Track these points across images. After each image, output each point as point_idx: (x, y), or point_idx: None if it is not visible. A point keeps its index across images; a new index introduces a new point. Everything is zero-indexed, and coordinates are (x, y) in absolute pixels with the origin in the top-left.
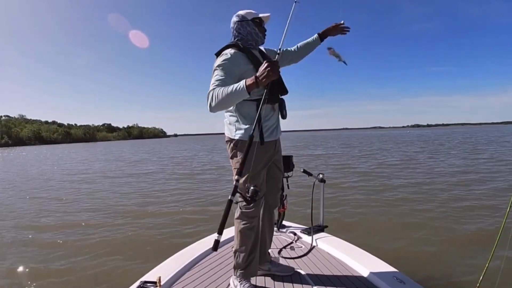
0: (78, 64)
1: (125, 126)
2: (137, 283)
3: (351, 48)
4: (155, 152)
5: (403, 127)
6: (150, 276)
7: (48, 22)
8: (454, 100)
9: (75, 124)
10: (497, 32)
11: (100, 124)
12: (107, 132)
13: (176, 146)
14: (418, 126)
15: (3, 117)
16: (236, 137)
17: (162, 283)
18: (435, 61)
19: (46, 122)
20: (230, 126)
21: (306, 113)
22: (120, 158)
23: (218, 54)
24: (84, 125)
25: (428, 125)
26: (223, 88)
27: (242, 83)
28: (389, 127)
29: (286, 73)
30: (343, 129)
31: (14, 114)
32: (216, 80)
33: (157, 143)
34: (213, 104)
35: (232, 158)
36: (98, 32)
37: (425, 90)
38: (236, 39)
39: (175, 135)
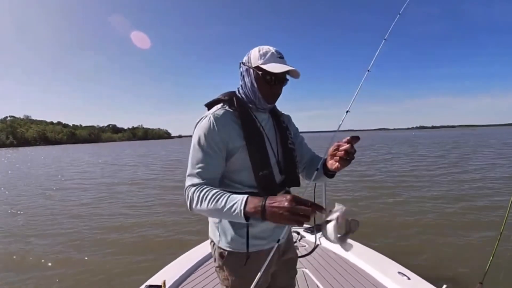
0: (83, 64)
1: (130, 127)
2: (142, 286)
3: (355, 49)
4: (157, 156)
5: (408, 128)
6: (155, 279)
7: (54, 23)
8: (458, 102)
9: (80, 125)
10: (502, 33)
11: (105, 125)
12: (112, 133)
13: (178, 148)
14: (423, 127)
15: (9, 118)
16: (222, 246)
17: (167, 287)
18: (440, 62)
19: (51, 123)
20: (212, 225)
21: (309, 113)
22: (123, 162)
23: (208, 107)
24: (89, 126)
25: (433, 127)
26: (211, 193)
27: (238, 205)
28: (394, 129)
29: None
30: (348, 130)
31: (19, 114)
32: (197, 167)
33: (160, 145)
34: (195, 207)
35: (218, 268)
36: (103, 33)
37: (429, 92)
38: (238, 89)
39: (180, 136)
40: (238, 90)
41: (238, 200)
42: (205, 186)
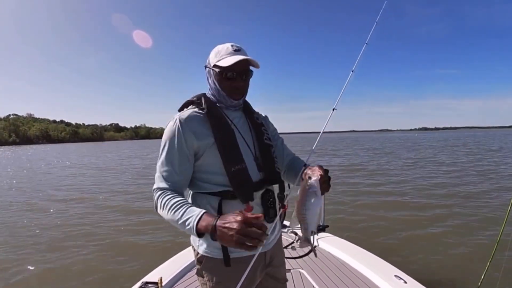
0: (86, 63)
1: (133, 126)
2: (139, 283)
3: (356, 50)
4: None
5: (411, 130)
6: (151, 276)
7: (57, 21)
8: (461, 103)
9: (83, 124)
10: (503, 35)
11: (108, 123)
12: (115, 132)
13: None
14: (425, 129)
15: (12, 116)
16: (200, 251)
17: (163, 284)
18: (442, 64)
19: (54, 121)
20: None
21: (310, 114)
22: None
23: (180, 110)
24: (91, 125)
25: (436, 128)
26: (172, 201)
27: (192, 220)
28: (397, 130)
29: (282, 77)
30: (351, 131)
31: (22, 112)
32: (164, 170)
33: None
34: (158, 211)
35: (197, 273)
36: (106, 32)
37: (432, 93)
38: (209, 91)
39: None
40: (208, 92)
41: (193, 215)
42: (168, 193)
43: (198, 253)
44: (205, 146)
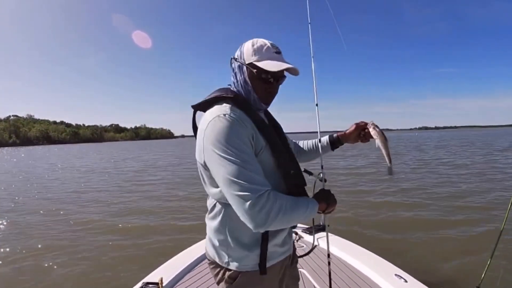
0: (87, 63)
1: (133, 126)
2: (139, 284)
3: (356, 50)
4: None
5: (411, 129)
6: (152, 277)
7: (57, 21)
8: (461, 102)
9: (83, 124)
10: (503, 33)
11: (108, 124)
12: (115, 133)
13: (179, 149)
14: (426, 128)
15: (12, 117)
16: (233, 267)
17: (164, 284)
18: (442, 63)
19: (54, 122)
20: (218, 247)
21: (311, 114)
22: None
23: (203, 108)
24: (92, 126)
25: (436, 127)
26: (286, 197)
27: (314, 203)
28: (397, 129)
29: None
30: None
31: (22, 113)
32: (249, 172)
33: (156, 146)
34: (276, 218)
35: None
36: (106, 33)
37: (432, 92)
38: (230, 86)
39: (183, 136)
40: (231, 88)
41: (311, 201)
42: (275, 193)
43: (228, 270)
44: (259, 149)
